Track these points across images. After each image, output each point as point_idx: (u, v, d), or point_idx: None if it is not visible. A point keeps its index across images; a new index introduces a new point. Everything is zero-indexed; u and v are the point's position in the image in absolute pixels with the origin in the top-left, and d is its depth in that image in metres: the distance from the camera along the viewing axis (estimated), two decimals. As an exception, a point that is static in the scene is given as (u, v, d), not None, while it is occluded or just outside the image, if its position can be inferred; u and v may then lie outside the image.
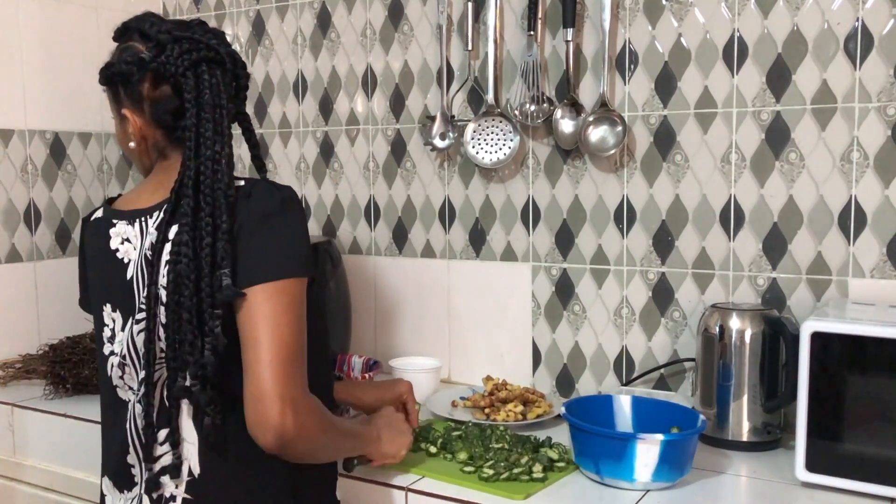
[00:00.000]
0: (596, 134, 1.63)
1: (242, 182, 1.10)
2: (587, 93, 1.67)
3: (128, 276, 1.12)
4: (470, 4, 1.76)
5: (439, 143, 1.81)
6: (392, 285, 1.96)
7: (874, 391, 1.21)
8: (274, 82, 2.11)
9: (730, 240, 1.56)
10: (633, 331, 1.67)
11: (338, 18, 1.99)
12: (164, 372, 1.10)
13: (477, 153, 1.74)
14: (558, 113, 1.67)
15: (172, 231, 1.08)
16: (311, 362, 1.08)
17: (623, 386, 1.67)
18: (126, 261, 1.13)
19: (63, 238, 2.10)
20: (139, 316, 1.11)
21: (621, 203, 1.66)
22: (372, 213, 1.99)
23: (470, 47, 1.78)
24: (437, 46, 1.83)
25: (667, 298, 1.63)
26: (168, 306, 1.06)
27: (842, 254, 1.47)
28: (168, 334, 1.07)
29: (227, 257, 1.03)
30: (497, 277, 1.82)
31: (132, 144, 1.16)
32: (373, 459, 1.28)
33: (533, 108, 1.70)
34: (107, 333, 1.16)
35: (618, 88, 1.64)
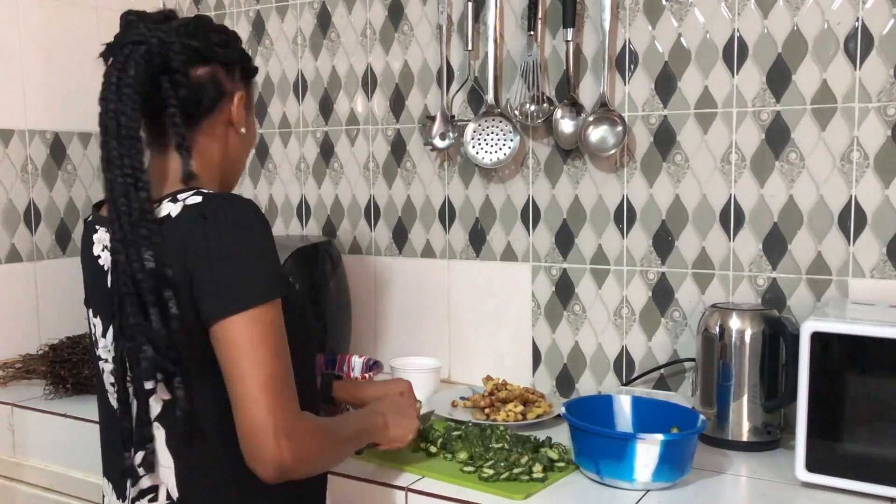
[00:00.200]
0: (596, 134, 1.63)
1: (199, 199, 1.04)
2: (587, 93, 1.67)
3: (108, 283, 1.09)
4: (470, 4, 1.76)
5: (439, 143, 1.81)
6: (392, 285, 1.96)
7: (874, 391, 1.21)
8: (274, 82, 2.11)
9: (730, 240, 1.56)
10: (633, 331, 1.67)
11: (338, 18, 1.99)
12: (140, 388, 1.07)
13: (477, 153, 1.74)
14: (558, 113, 1.67)
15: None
16: (297, 371, 1.07)
17: (623, 386, 1.67)
18: (106, 268, 1.10)
19: (63, 238, 2.10)
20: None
21: (621, 203, 1.66)
22: (372, 213, 1.99)
23: (470, 47, 1.78)
24: (437, 46, 1.83)
25: (667, 298, 1.63)
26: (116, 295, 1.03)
27: (842, 254, 1.47)
28: (119, 324, 1.03)
29: (149, 240, 1.00)
30: (497, 277, 1.82)
31: None
32: (380, 444, 1.27)
33: (533, 108, 1.70)
34: (92, 338, 1.16)
35: (618, 88, 1.64)
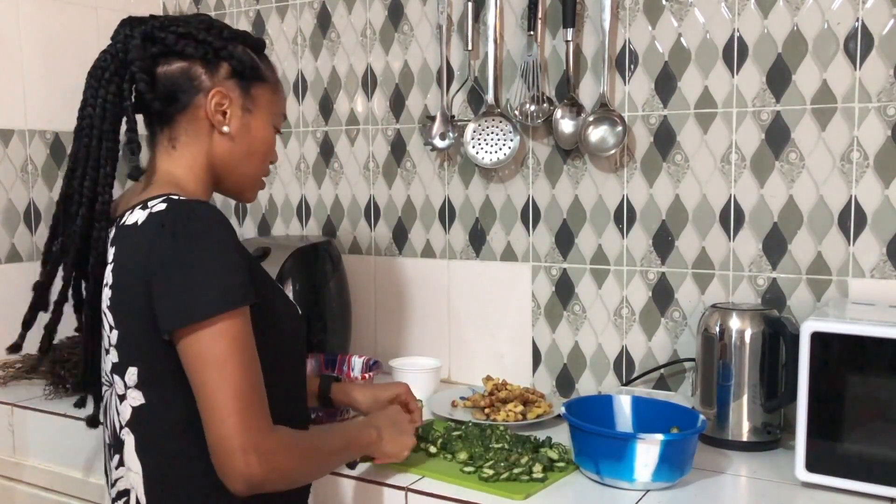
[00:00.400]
0: (596, 134, 1.63)
1: (164, 206, 1.03)
2: (587, 93, 1.67)
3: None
4: (470, 4, 1.76)
5: (439, 143, 1.81)
6: (392, 285, 1.96)
7: (874, 391, 1.21)
8: (274, 82, 2.11)
9: (730, 240, 1.56)
10: (633, 331, 1.67)
11: (338, 18, 1.99)
12: (111, 391, 1.10)
13: (477, 153, 1.74)
14: (558, 113, 1.67)
15: (111, 252, 1.09)
16: (284, 379, 1.08)
17: (623, 386, 1.67)
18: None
19: (63, 238, 2.09)
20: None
21: (621, 203, 1.66)
22: (372, 213, 1.99)
23: (470, 47, 1.78)
24: (437, 46, 1.83)
25: (667, 298, 1.63)
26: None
27: (842, 254, 1.47)
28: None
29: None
30: (497, 277, 1.82)
31: None
32: (375, 458, 1.27)
33: (533, 108, 1.70)
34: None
35: (618, 88, 1.64)
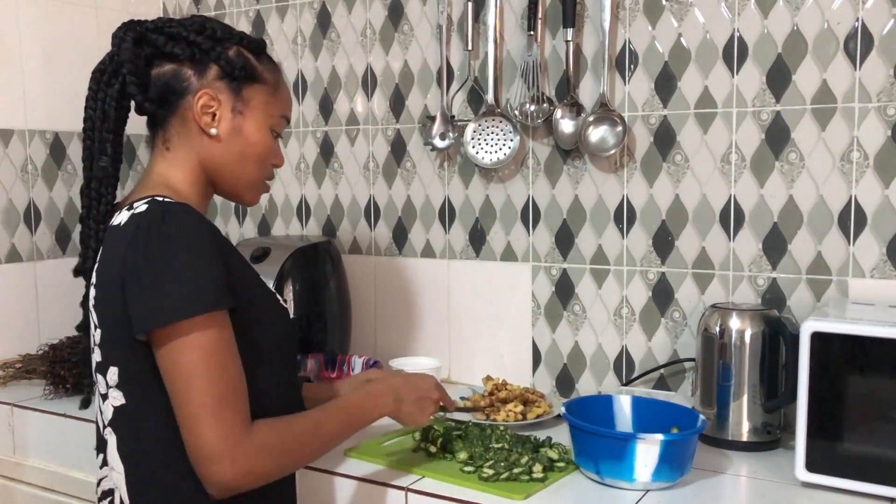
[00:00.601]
0: (596, 134, 1.63)
1: (145, 207, 1.03)
2: (587, 93, 1.67)
3: None
4: (470, 4, 1.76)
5: (439, 143, 1.81)
6: (392, 285, 1.96)
7: (874, 391, 1.21)
8: (274, 82, 2.11)
9: (730, 240, 1.56)
10: (633, 331, 1.67)
11: (338, 18, 1.99)
12: (97, 392, 1.10)
13: (477, 153, 1.74)
14: (558, 113, 1.67)
15: (100, 252, 1.09)
16: (274, 379, 1.08)
17: (623, 386, 1.67)
18: None
19: (63, 238, 2.10)
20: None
21: (621, 203, 1.66)
22: (372, 213, 1.99)
23: (470, 47, 1.77)
24: (437, 46, 1.83)
25: (667, 298, 1.63)
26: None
27: (842, 254, 1.47)
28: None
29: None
30: (497, 277, 1.82)
31: None
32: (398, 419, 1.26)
33: (533, 108, 1.70)
34: None
35: (618, 88, 1.64)
